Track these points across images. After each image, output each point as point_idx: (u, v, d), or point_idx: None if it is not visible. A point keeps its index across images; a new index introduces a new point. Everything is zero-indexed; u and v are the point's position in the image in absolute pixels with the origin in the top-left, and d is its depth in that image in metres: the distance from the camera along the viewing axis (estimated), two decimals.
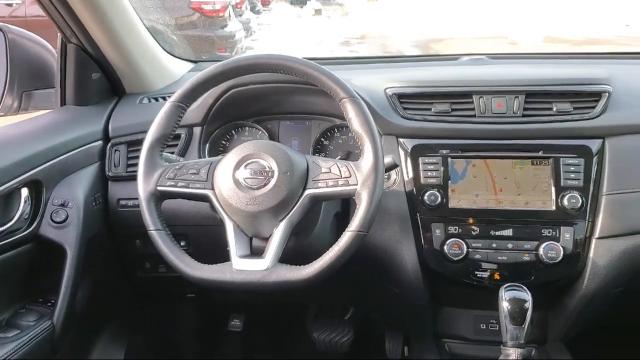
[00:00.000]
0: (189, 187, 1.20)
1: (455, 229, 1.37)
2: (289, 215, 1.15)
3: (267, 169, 1.17)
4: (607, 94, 1.40)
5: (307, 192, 1.16)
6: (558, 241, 1.33)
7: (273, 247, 1.13)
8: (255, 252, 1.17)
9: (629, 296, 1.42)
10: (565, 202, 1.33)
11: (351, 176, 1.14)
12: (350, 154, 1.55)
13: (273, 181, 1.16)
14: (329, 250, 1.12)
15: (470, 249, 1.36)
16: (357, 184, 1.13)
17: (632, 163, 1.35)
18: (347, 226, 1.12)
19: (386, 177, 1.42)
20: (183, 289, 1.81)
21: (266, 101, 1.53)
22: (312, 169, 1.18)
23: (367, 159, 1.14)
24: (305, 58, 1.24)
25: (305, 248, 1.30)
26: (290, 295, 1.74)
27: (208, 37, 6.63)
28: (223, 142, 1.59)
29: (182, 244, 1.51)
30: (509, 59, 1.90)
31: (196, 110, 1.49)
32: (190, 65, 1.96)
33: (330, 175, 1.16)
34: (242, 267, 1.13)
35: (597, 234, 1.33)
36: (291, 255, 1.17)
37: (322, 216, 1.33)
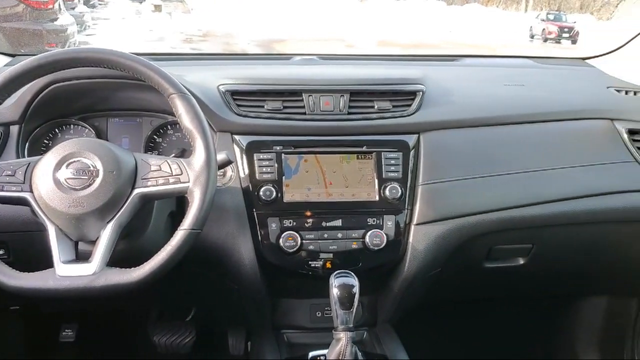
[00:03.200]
0: (3, 190, 1.11)
1: (290, 222, 1.42)
2: (117, 216, 1.11)
3: (91, 168, 1.12)
4: (421, 93, 1.53)
5: (136, 191, 1.13)
6: (382, 229, 1.43)
7: (100, 251, 1.09)
8: (82, 257, 1.11)
9: (445, 276, 1.56)
10: (387, 192, 1.43)
11: (182, 173, 1.13)
12: (185, 152, 1.53)
13: (98, 181, 1.11)
14: (161, 250, 1.10)
15: (304, 241, 1.41)
16: (189, 181, 1.12)
17: (442, 156, 1.49)
18: None
19: (221, 173, 1.43)
20: (5, 302, 1.66)
21: (92, 97, 1.45)
22: (141, 167, 1.15)
23: (198, 156, 1.14)
24: (137, 53, 1.20)
25: (138, 250, 1.26)
26: (123, 299, 1.68)
27: (36, 30, 6.11)
28: (45, 141, 1.48)
29: (1, 252, 1.39)
30: (337, 59, 2.00)
31: (12, 107, 1.37)
32: (7, 59, 1.80)
33: (161, 173, 1.14)
34: (66, 273, 1.07)
35: (415, 220, 1.44)
36: (122, 258, 1.13)
37: (155, 216, 1.30)
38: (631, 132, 1.58)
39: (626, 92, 1.72)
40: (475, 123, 1.55)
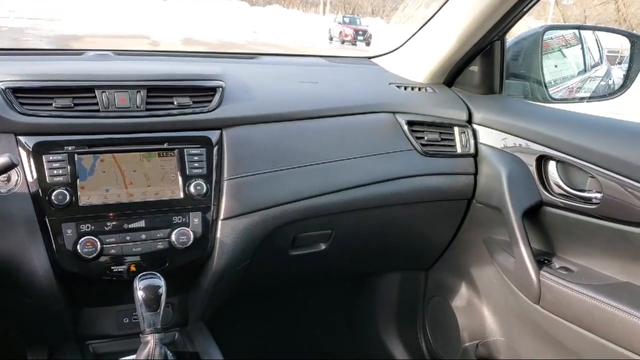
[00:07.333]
0: None
1: (87, 227, 1.35)
2: None
3: None
4: (220, 89, 1.54)
5: None
6: (188, 226, 1.42)
7: None
8: None
9: (253, 268, 1.61)
10: (192, 189, 1.42)
11: None
12: None
13: None
14: None
15: (104, 245, 1.35)
16: None
17: (245, 151, 1.52)
18: None
19: (5, 178, 1.30)
20: None
21: None
22: None
23: None
24: None
25: None
26: None
27: None
28: None
29: None
30: (135, 55, 1.94)
31: None
32: None
33: None
34: None
35: (222, 215, 1.46)
36: None
37: None
38: (410, 124, 1.76)
39: (405, 88, 1.91)
40: (274, 118, 1.61)
